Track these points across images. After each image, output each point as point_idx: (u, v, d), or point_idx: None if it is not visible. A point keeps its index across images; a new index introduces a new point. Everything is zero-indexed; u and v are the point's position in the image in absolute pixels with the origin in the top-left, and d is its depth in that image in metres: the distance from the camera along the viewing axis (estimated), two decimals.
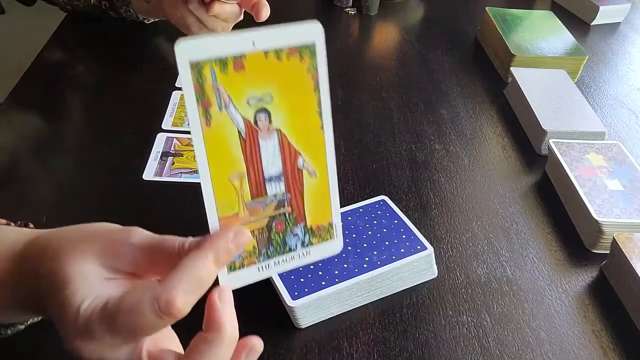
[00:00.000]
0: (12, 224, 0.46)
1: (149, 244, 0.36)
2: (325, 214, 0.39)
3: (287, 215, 0.37)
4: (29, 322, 0.46)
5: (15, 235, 0.40)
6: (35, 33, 1.11)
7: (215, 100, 0.32)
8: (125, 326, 0.32)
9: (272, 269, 0.38)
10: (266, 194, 0.36)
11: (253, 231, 0.36)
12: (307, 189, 0.38)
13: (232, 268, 0.36)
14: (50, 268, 0.35)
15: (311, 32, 0.34)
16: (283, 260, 0.38)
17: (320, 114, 0.36)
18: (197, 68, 0.31)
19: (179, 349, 0.37)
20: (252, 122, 0.34)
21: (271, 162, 0.36)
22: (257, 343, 0.35)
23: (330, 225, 0.39)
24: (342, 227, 0.60)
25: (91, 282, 0.34)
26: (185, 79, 0.31)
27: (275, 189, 0.37)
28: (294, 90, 0.35)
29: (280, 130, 0.35)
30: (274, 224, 0.37)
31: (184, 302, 0.32)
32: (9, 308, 0.40)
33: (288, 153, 0.36)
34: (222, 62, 0.32)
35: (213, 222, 0.34)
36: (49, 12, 1.06)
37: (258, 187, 0.36)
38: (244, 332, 0.55)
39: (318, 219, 0.38)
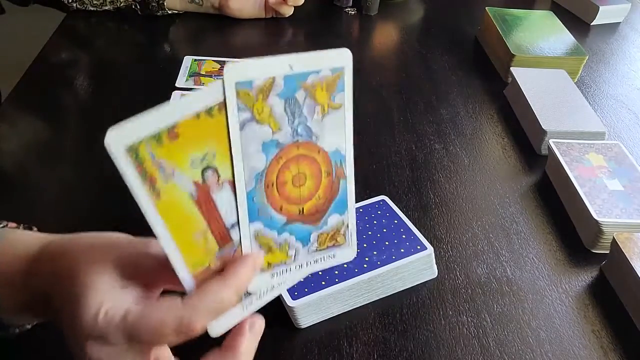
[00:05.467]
0: (21, 226, 0.46)
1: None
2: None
3: None
4: (34, 322, 0.46)
5: (29, 238, 0.41)
6: (35, 33, 1.11)
7: (159, 174, 0.32)
8: (146, 339, 0.34)
9: (254, 304, 0.39)
10: (232, 240, 0.36)
11: None
12: None
13: None
14: (69, 272, 0.36)
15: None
16: (260, 297, 0.40)
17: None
18: (133, 151, 0.31)
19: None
20: (201, 182, 0.34)
21: (230, 210, 0.36)
22: (259, 321, 0.38)
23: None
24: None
25: (109, 290, 0.35)
26: (123, 165, 0.30)
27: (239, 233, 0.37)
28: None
29: (231, 181, 0.35)
30: None
31: (203, 326, 0.34)
32: (18, 308, 0.41)
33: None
34: (156, 137, 0.31)
35: (188, 282, 0.35)
36: (49, 12, 1.06)
37: (223, 236, 0.36)
38: None
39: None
